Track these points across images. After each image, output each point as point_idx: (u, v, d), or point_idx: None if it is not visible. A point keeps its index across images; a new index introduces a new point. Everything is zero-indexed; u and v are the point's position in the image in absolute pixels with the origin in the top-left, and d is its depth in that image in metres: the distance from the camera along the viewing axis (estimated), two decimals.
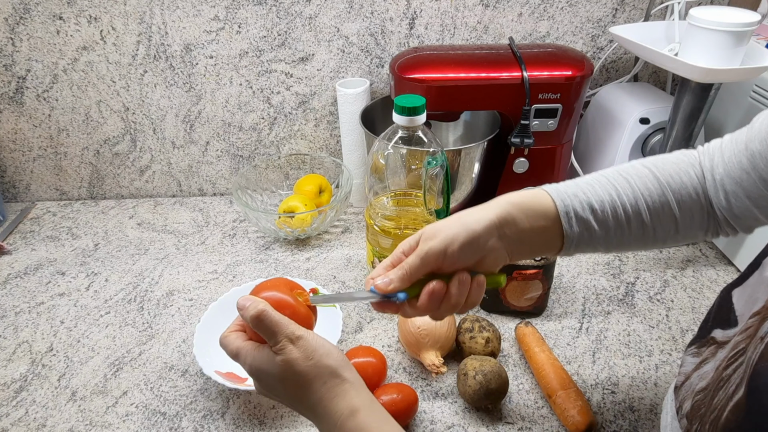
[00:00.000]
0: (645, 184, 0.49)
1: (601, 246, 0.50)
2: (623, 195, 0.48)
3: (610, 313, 0.78)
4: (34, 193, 1.09)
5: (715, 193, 0.49)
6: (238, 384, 0.64)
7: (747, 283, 0.39)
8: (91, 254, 0.93)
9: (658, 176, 0.49)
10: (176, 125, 1.02)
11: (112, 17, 0.91)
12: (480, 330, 0.69)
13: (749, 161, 0.45)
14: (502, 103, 0.84)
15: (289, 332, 0.45)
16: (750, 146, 0.46)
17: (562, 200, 0.48)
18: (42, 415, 0.65)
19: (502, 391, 0.63)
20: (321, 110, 1.02)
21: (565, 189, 0.49)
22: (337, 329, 0.69)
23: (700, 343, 0.42)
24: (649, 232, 0.49)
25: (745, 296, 0.38)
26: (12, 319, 0.79)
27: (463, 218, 0.47)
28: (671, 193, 0.48)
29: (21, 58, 0.94)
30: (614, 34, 0.85)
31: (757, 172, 0.45)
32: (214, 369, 0.65)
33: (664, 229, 0.49)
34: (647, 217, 0.48)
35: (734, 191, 0.47)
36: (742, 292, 0.39)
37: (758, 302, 0.35)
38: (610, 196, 0.48)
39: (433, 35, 0.96)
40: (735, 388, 0.34)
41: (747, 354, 0.34)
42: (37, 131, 1.02)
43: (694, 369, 0.40)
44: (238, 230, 0.99)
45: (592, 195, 0.48)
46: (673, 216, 0.49)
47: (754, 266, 0.39)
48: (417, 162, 0.71)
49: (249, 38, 0.94)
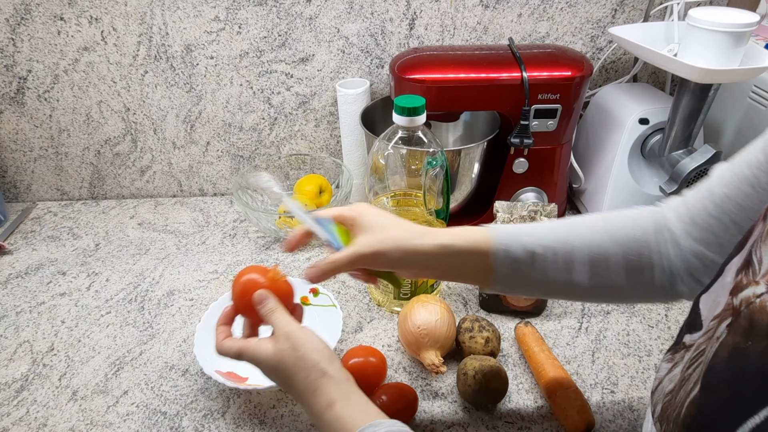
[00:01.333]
0: (591, 235, 0.49)
1: (537, 290, 0.51)
2: (563, 241, 0.48)
3: (610, 313, 0.78)
4: (35, 193, 1.09)
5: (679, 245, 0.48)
6: (238, 383, 0.64)
7: (712, 289, 0.39)
8: (91, 254, 0.93)
9: (607, 228, 0.49)
10: (177, 125, 1.03)
11: (112, 18, 0.92)
12: (480, 330, 0.69)
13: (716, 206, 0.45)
14: (502, 103, 0.84)
15: (283, 324, 0.50)
16: (715, 191, 0.46)
17: (500, 239, 0.49)
18: (43, 415, 0.65)
19: (502, 390, 0.63)
20: (321, 111, 1.03)
21: (507, 229, 0.50)
22: (337, 329, 0.69)
23: (674, 349, 0.42)
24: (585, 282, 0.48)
25: (709, 301, 0.39)
26: (13, 318, 0.80)
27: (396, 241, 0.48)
28: (619, 246, 0.48)
29: (22, 59, 0.94)
30: (613, 34, 0.86)
31: (728, 216, 0.45)
32: (214, 369, 0.65)
33: (605, 282, 0.48)
34: (585, 267, 0.48)
35: (704, 238, 0.47)
36: (708, 298, 0.40)
37: (719, 306, 0.36)
38: (549, 240, 0.48)
39: (433, 36, 0.96)
40: (693, 385, 0.35)
41: (705, 354, 0.35)
42: (38, 131, 1.02)
43: (666, 373, 0.41)
44: (239, 230, 0.99)
45: (532, 238, 0.49)
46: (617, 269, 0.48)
47: (718, 273, 0.39)
48: (417, 162, 0.71)
49: (249, 39, 0.95)
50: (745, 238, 0.37)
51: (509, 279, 0.49)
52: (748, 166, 0.44)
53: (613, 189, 0.89)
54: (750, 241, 0.36)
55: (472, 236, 0.49)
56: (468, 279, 0.53)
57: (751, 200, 0.43)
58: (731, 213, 0.44)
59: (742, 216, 0.44)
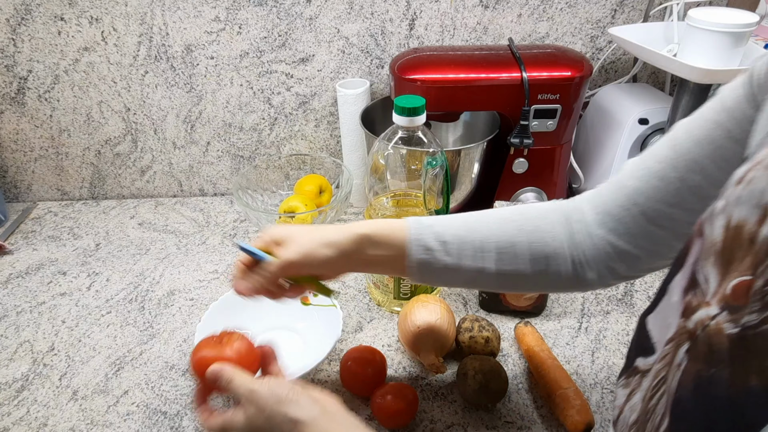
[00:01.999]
0: (500, 225, 0.51)
1: (451, 277, 0.53)
2: (474, 230, 0.51)
3: (609, 313, 0.78)
4: (36, 193, 1.09)
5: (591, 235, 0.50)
6: None
7: (658, 309, 0.39)
8: (92, 254, 0.93)
9: (516, 219, 0.52)
10: (177, 126, 1.03)
11: (113, 18, 0.92)
12: (480, 330, 0.69)
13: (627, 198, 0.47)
14: (502, 103, 0.84)
15: (243, 389, 0.48)
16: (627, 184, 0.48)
17: (414, 228, 0.52)
18: (43, 414, 0.65)
19: (502, 390, 0.63)
20: (321, 111, 1.03)
21: (421, 220, 0.53)
22: (336, 329, 0.69)
23: (627, 373, 0.42)
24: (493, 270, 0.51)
25: (659, 322, 0.39)
26: (13, 318, 0.80)
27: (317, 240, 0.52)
28: (525, 235, 0.51)
29: (22, 59, 0.94)
30: (613, 35, 0.86)
31: (638, 208, 0.46)
32: None
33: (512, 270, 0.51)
34: (497, 256, 0.51)
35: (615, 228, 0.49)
36: (656, 319, 0.39)
37: (671, 328, 0.36)
38: (461, 230, 0.51)
39: (432, 36, 0.96)
40: (660, 418, 0.34)
41: (668, 382, 0.34)
42: (38, 132, 1.02)
43: (625, 401, 0.41)
44: (239, 230, 0.99)
45: (445, 228, 0.52)
46: (523, 258, 0.51)
47: (662, 292, 0.39)
48: (417, 162, 0.71)
49: (249, 39, 0.95)
50: (683, 254, 0.37)
51: (423, 266, 0.52)
52: (657, 160, 0.46)
53: None
54: (690, 258, 0.36)
55: (388, 226, 0.53)
56: (387, 268, 0.55)
57: (660, 193, 0.45)
58: (641, 205, 0.47)
59: (651, 208, 0.46)
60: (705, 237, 0.34)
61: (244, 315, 0.75)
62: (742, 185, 0.32)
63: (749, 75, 0.41)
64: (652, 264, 0.50)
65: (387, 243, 0.52)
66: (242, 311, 0.75)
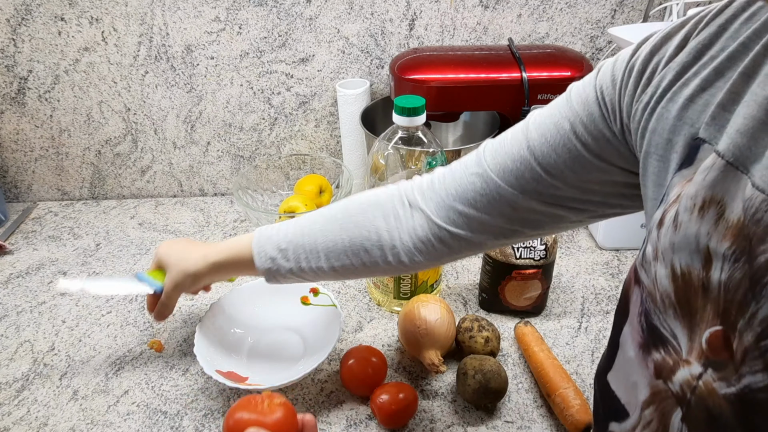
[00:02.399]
0: (324, 224, 0.55)
1: (300, 278, 0.58)
2: (306, 234, 0.56)
3: (609, 313, 0.78)
4: (36, 193, 1.09)
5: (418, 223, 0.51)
6: (238, 383, 0.64)
7: (616, 366, 0.38)
8: (92, 254, 0.93)
9: (338, 217, 0.55)
10: (177, 126, 1.03)
11: (113, 18, 0.92)
12: (479, 329, 0.69)
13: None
14: (502, 103, 0.84)
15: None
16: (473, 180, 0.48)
17: (257, 243, 0.57)
18: (44, 414, 0.65)
19: (502, 390, 0.63)
20: (321, 111, 1.03)
21: (264, 232, 0.58)
22: (336, 329, 0.69)
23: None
24: (326, 267, 0.55)
25: (622, 381, 0.37)
26: (14, 318, 0.80)
27: (182, 272, 0.62)
28: (346, 232, 0.54)
29: (23, 59, 0.95)
30: (613, 35, 0.86)
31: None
32: (215, 368, 0.66)
33: (342, 265, 0.55)
34: (325, 256, 0.55)
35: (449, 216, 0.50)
36: (617, 377, 0.38)
37: (640, 388, 0.34)
38: (296, 235, 0.56)
39: (432, 36, 0.96)
40: None
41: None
42: (38, 132, 1.02)
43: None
44: (239, 230, 0.99)
45: (282, 236, 0.57)
46: (348, 253, 0.54)
47: (614, 346, 0.38)
48: (417, 162, 0.71)
49: (250, 39, 0.95)
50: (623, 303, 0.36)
51: (270, 272, 0.57)
52: (513, 159, 0.45)
53: None
54: (633, 308, 0.34)
55: (236, 247, 0.60)
56: (245, 274, 0.62)
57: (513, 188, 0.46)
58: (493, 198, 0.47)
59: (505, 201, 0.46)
60: (644, 285, 0.33)
61: (244, 315, 0.75)
62: (668, 229, 0.31)
63: (596, 93, 0.40)
64: (487, 246, 0.51)
65: (236, 263, 0.60)
66: (242, 311, 0.75)
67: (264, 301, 0.76)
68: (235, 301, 0.76)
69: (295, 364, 0.70)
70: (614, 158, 0.41)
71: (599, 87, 0.40)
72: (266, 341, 0.74)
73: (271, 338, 0.74)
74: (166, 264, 0.64)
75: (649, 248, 0.33)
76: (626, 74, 0.38)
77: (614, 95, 0.38)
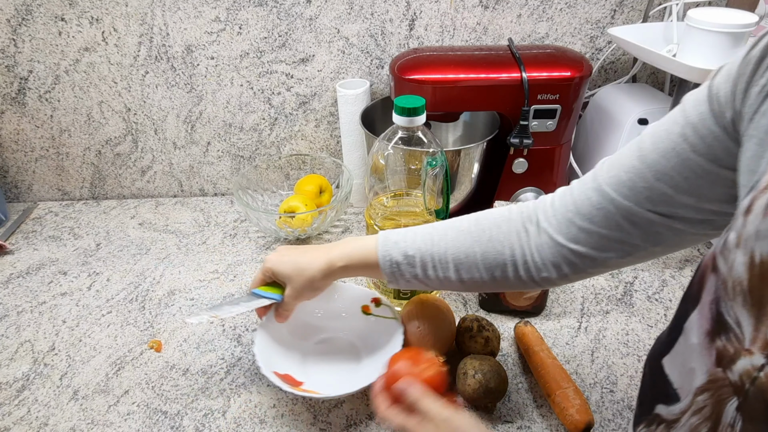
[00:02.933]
0: (457, 237, 0.56)
1: (424, 284, 0.59)
2: (436, 244, 0.56)
3: (609, 313, 0.79)
4: (37, 193, 1.09)
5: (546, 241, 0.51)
6: (294, 387, 0.62)
7: (675, 351, 0.38)
8: (92, 254, 0.93)
9: (472, 230, 0.55)
10: (177, 126, 1.03)
11: (113, 18, 0.92)
12: (479, 330, 0.69)
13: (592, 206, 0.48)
14: (502, 103, 0.85)
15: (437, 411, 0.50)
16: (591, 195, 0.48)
17: (383, 247, 0.58)
18: (44, 414, 0.66)
19: (502, 389, 0.63)
20: (321, 111, 1.03)
21: (390, 237, 0.59)
22: (396, 342, 0.66)
23: (647, 421, 0.40)
24: (455, 279, 0.56)
25: (678, 366, 0.37)
26: (14, 318, 0.80)
27: (306, 285, 0.62)
28: (480, 246, 0.54)
29: (23, 59, 0.95)
30: (613, 35, 0.86)
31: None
32: (272, 369, 0.64)
33: (472, 278, 0.55)
34: (454, 267, 0.55)
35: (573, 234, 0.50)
36: (674, 362, 0.38)
37: (697, 374, 0.34)
38: (425, 244, 0.57)
39: (432, 36, 0.97)
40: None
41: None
42: (39, 132, 1.02)
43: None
44: (239, 230, 0.99)
45: (409, 243, 0.57)
46: (480, 267, 0.54)
47: (676, 331, 0.38)
48: (417, 162, 0.71)
49: (250, 39, 0.95)
50: (696, 290, 0.36)
51: (394, 277, 0.59)
52: (625, 170, 0.46)
53: None
54: (706, 296, 0.34)
55: (362, 251, 0.60)
56: (367, 276, 0.65)
57: (630, 200, 0.46)
58: (610, 210, 0.47)
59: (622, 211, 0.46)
60: (720, 273, 0.33)
61: (306, 318, 0.72)
62: (756, 216, 0.31)
63: (709, 91, 0.40)
64: (612, 265, 0.51)
65: (361, 266, 0.60)
66: (303, 314, 0.72)
67: (326, 306, 0.74)
68: None
69: (351, 373, 0.68)
70: (724, 158, 0.40)
71: (713, 84, 0.40)
72: (324, 347, 0.72)
73: (330, 345, 0.73)
74: (285, 277, 0.63)
75: (732, 235, 0.33)
76: (743, 63, 0.37)
77: (729, 86, 0.38)
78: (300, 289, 0.62)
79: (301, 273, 0.61)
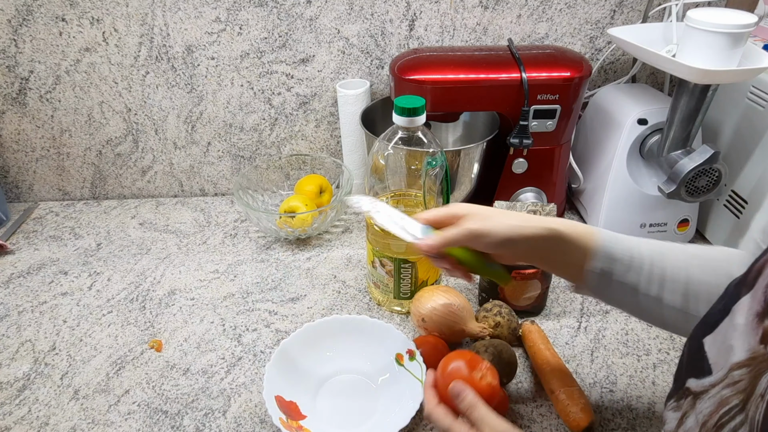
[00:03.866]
0: (686, 258, 0.49)
1: (623, 299, 0.51)
2: (661, 254, 0.49)
3: (609, 312, 0.79)
4: (37, 193, 1.09)
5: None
6: (291, 420, 0.60)
7: (718, 330, 0.38)
8: (93, 254, 0.93)
9: (698, 254, 0.49)
10: (178, 126, 1.03)
11: (114, 19, 0.92)
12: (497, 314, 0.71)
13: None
14: (501, 104, 0.85)
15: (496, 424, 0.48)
16: None
17: (604, 236, 0.50)
18: (44, 414, 0.66)
19: (513, 363, 0.65)
20: (321, 111, 1.03)
21: (611, 234, 0.51)
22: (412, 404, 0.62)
23: (677, 395, 0.41)
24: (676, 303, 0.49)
25: (717, 344, 0.37)
26: (15, 318, 0.80)
27: (508, 219, 0.50)
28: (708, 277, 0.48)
29: (24, 60, 0.95)
30: (612, 35, 0.86)
31: None
32: (276, 392, 0.62)
33: (691, 308, 0.48)
34: (677, 286, 0.48)
35: None
36: (714, 340, 0.38)
37: (735, 351, 0.35)
38: (649, 250, 0.49)
39: (432, 37, 0.97)
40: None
41: (748, 412, 0.32)
42: (39, 132, 1.02)
43: (677, 426, 0.39)
44: (240, 230, 0.99)
45: (633, 243, 0.50)
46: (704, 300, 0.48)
47: (723, 312, 0.38)
48: (417, 162, 0.71)
49: (250, 39, 0.95)
50: (753, 276, 0.36)
51: (603, 276, 0.50)
52: None
53: (611, 189, 0.89)
54: (763, 280, 0.35)
55: (578, 227, 0.51)
56: (566, 269, 0.53)
57: None
58: None
59: None
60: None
61: (334, 346, 0.70)
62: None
63: None
64: None
65: (575, 244, 0.50)
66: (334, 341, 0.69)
67: (359, 341, 0.70)
68: (333, 327, 0.70)
69: (358, 421, 0.64)
70: None
71: None
72: (342, 386, 0.68)
73: (348, 384, 0.68)
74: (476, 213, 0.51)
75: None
76: None
77: None
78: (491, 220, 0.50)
79: (505, 212, 0.52)
